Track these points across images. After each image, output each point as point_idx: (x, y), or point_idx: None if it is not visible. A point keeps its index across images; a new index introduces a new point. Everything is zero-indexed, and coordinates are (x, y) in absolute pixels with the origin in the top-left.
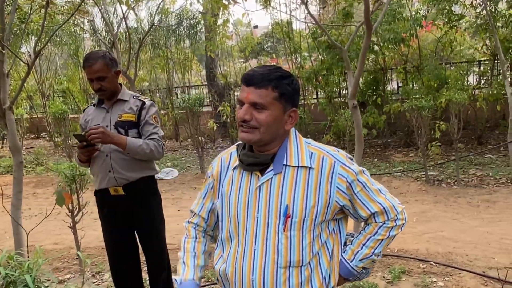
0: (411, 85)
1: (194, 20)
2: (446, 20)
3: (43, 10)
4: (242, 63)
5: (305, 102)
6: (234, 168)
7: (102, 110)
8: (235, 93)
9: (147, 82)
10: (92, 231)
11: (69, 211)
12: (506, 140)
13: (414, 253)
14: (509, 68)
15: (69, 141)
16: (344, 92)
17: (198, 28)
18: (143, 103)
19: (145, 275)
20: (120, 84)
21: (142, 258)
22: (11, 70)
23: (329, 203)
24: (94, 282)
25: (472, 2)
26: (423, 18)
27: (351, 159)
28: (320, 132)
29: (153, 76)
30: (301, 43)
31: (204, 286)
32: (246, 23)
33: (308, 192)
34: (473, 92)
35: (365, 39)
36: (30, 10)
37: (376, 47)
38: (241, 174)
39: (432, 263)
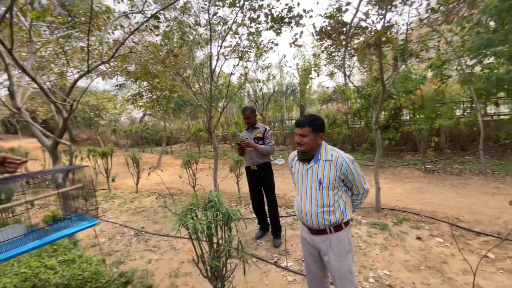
0: (417, 116)
1: (294, 86)
2: (439, 79)
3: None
4: (319, 106)
5: (353, 126)
6: (296, 160)
7: (248, 131)
8: None
9: (271, 117)
10: (245, 185)
11: (235, 175)
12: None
13: (412, 210)
14: (482, 105)
15: (236, 145)
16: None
17: (296, 91)
18: (266, 129)
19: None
20: (256, 120)
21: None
22: (214, 114)
23: (338, 177)
24: (245, 208)
25: (456, 67)
26: (425, 79)
27: (352, 159)
28: (361, 142)
29: (274, 114)
30: (351, 95)
31: (291, 215)
32: (322, 86)
33: (330, 172)
34: (458, 120)
35: (382, 94)
36: (222, 88)
37: (394, 96)
38: (299, 163)
39: (423, 216)
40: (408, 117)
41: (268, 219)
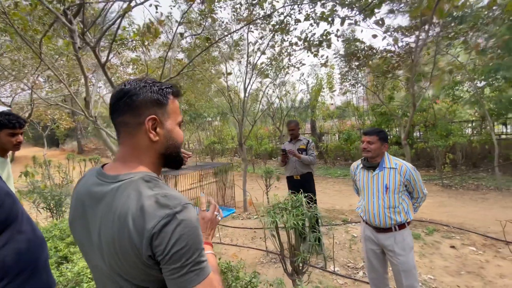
0: (428, 135)
1: (306, 103)
2: (451, 99)
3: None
4: (323, 122)
5: None
6: (360, 168)
7: (291, 143)
8: (324, 137)
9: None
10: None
11: (266, 185)
12: (492, 165)
13: (440, 221)
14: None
15: (281, 152)
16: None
17: (308, 107)
18: (308, 141)
19: None
20: (299, 133)
21: None
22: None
23: (402, 183)
24: None
25: (467, 89)
26: (437, 98)
27: (414, 168)
28: None
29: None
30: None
31: (323, 225)
32: (332, 104)
33: (395, 179)
34: (470, 138)
35: (412, 111)
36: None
37: (408, 114)
38: (364, 171)
39: (451, 227)
40: (419, 134)
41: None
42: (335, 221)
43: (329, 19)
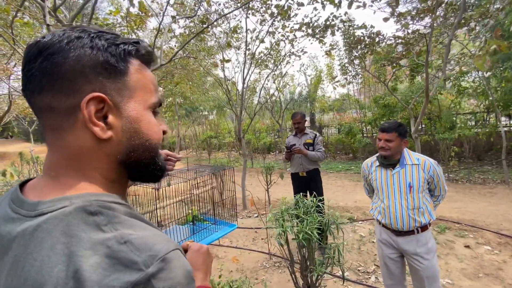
0: (432, 127)
1: (305, 95)
2: (456, 90)
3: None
4: (320, 115)
5: (367, 135)
6: (376, 167)
7: (297, 137)
8: (324, 130)
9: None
10: (283, 191)
11: (266, 182)
12: (497, 158)
13: (450, 218)
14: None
15: (285, 150)
16: None
17: (307, 99)
18: (315, 134)
19: None
20: (305, 126)
21: None
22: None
23: (426, 180)
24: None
25: (473, 79)
26: (442, 88)
27: (437, 163)
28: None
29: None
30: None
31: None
32: (332, 96)
33: (419, 176)
34: (476, 130)
35: (424, 103)
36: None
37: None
38: (380, 170)
39: (464, 224)
40: (421, 127)
41: None
42: (341, 219)
43: (336, 1)
